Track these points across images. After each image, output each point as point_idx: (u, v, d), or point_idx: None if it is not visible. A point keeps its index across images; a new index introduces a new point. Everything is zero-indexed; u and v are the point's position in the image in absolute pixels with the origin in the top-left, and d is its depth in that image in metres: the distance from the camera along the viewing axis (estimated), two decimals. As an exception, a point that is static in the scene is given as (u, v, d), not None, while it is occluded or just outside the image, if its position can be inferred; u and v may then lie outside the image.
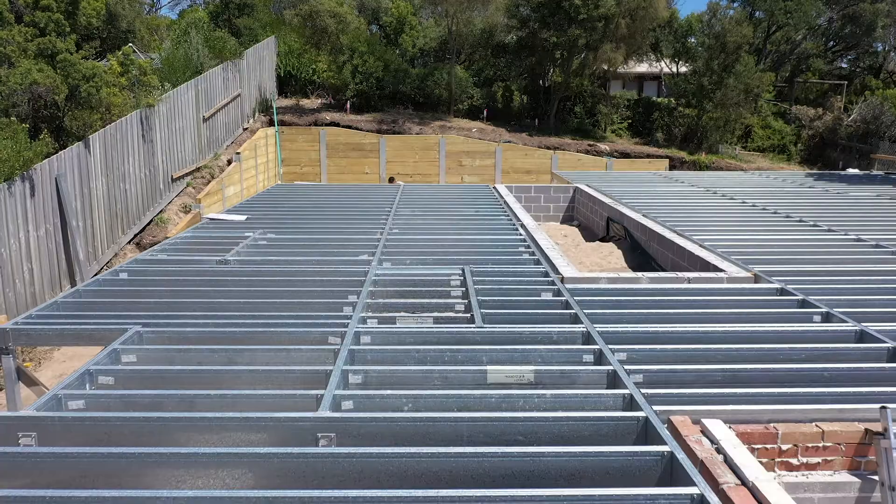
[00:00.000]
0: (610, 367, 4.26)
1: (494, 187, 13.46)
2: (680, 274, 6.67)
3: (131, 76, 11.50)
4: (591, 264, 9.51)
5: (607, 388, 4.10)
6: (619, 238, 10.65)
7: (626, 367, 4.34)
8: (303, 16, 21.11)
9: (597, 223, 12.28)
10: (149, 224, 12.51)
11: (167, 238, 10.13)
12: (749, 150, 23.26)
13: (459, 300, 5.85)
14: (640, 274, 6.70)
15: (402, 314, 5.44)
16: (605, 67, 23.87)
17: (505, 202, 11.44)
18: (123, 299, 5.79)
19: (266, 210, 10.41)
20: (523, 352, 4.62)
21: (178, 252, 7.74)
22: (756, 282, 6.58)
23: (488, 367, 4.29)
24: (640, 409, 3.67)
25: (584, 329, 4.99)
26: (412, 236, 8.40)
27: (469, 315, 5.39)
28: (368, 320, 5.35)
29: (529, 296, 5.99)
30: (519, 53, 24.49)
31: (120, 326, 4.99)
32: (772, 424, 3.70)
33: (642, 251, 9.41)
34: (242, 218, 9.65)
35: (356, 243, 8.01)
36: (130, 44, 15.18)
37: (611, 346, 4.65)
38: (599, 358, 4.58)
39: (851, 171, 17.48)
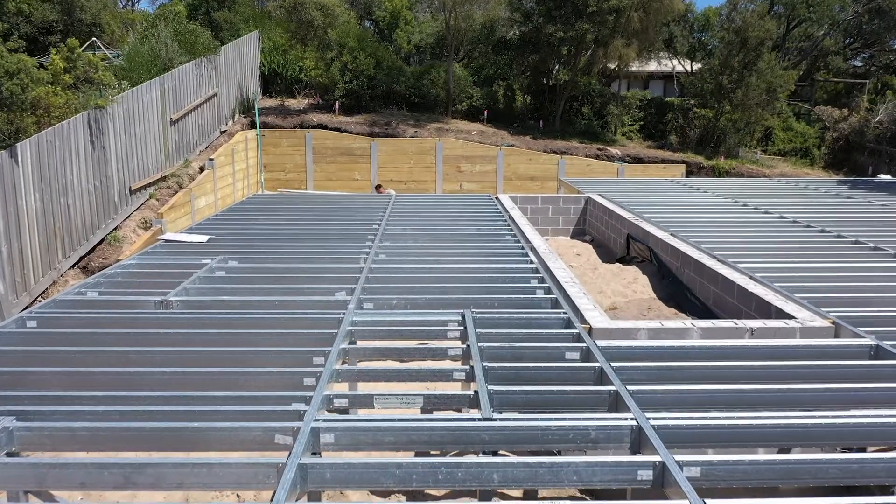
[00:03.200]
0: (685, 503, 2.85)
1: (497, 197, 12.07)
2: (739, 323, 5.27)
3: (78, 73, 10.04)
4: (613, 293, 8.11)
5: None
6: (641, 260, 9.26)
7: (705, 498, 2.93)
8: (287, 8, 19.57)
9: (613, 239, 10.89)
10: (100, 243, 10.99)
11: (119, 261, 8.71)
12: (769, 154, 21.78)
13: (459, 367, 4.46)
14: (688, 323, 5.30)
15: (382, 393, 4.02)
16: (613, 66, 22.38)
17: (510, 216, 10.05)
18: (13, 368, 4.38)
19: (234, 228, 9.02)
20: (551, 467, 3.22)
21: (114, 287, 6.34)
22: (837, 334, 5.18)
23: (503, 506, 2.87)
24: None
25: (633, 422, 3.58)
26: (402, 265, 7.00)
27: (472, 393, 3.99)
28: (336, 400, 3.96)
29: (550, 360, 4.59)
30: (522, 50, 22.95)
31: (-13, 418, 3.58)
32: None
33: (674, 279, 8.02)
34: (204, 239, 8.25)
35: (334, 274, 6.62)
36: (94, 38, 13.71)
37: (676, 456, 3.24)
38: (662, 475, 3.18)
39: (884, 177, 16.11)
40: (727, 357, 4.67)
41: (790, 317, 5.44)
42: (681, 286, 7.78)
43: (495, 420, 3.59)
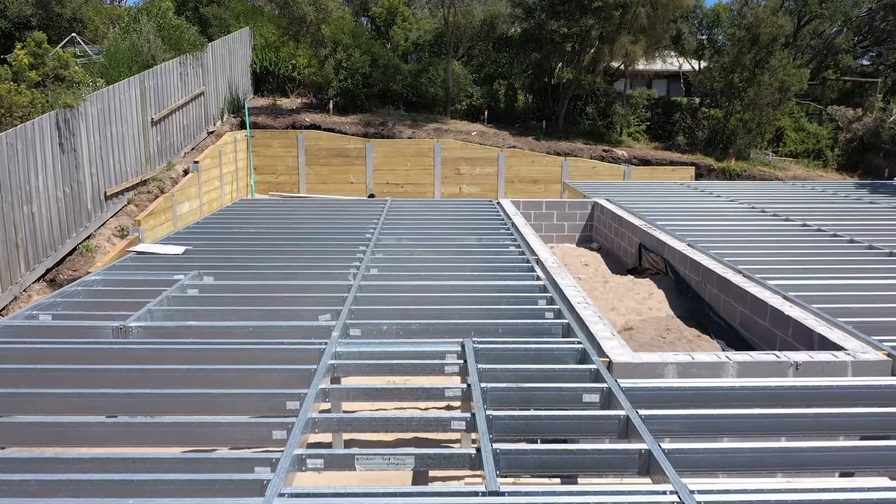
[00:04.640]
0: None
1: (498, 202, 11.39)
2: (781, 356, 4.58)
3: (47, 70, 9.32)
4: (627, 311, 7.43)
5: None
6: (656, 272, 8.58)
7: None
8: (279, 3, 18.83)
9: (623, 248, 10.21)
10: (70, 254, 10.26)
11: (89, 273, 8.02)
12: (780, 156, 21.05)
13: (458, 414, 3.78)
14: (722, 356, 4.62)
15: (365, 452, 3.34)
16: (618, 65, 21.60)
17: (512, 224, 9.38)
18: (-72, 416, 3.69)
19: (215, 238, 8.34)
20: (576, 565, 2.54)
21: (71, 309, 5.68)
22: (894, 370, 4.50)
23: None
24: None
25: (674, 496, 2.90)
26: (395, 282, 6.34)
27: (473, 451, 3.32)
28: (308, 460, 3.30)
29: (565, 403, 3.94)
30: (524, 47, 22.19)
31: None
32: None
33: (694, 295, 7.33)
34: (180, 250, 7.56)
35: (319, 293, 5.95)
36: (74, 34, 13.00)
37: (732, 550, 2.57)
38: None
39: (902, 180, 15.41)
40: (771, 400, 4.01)
41: (837, 347, 4.76)
42: (702, 303, 7.10)
43: (504, 496, 2.91)
